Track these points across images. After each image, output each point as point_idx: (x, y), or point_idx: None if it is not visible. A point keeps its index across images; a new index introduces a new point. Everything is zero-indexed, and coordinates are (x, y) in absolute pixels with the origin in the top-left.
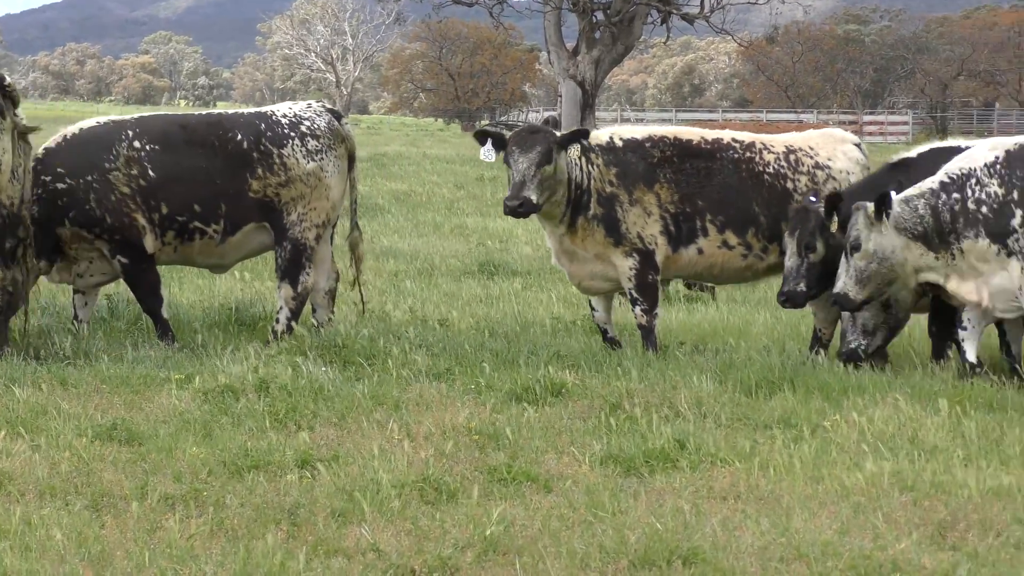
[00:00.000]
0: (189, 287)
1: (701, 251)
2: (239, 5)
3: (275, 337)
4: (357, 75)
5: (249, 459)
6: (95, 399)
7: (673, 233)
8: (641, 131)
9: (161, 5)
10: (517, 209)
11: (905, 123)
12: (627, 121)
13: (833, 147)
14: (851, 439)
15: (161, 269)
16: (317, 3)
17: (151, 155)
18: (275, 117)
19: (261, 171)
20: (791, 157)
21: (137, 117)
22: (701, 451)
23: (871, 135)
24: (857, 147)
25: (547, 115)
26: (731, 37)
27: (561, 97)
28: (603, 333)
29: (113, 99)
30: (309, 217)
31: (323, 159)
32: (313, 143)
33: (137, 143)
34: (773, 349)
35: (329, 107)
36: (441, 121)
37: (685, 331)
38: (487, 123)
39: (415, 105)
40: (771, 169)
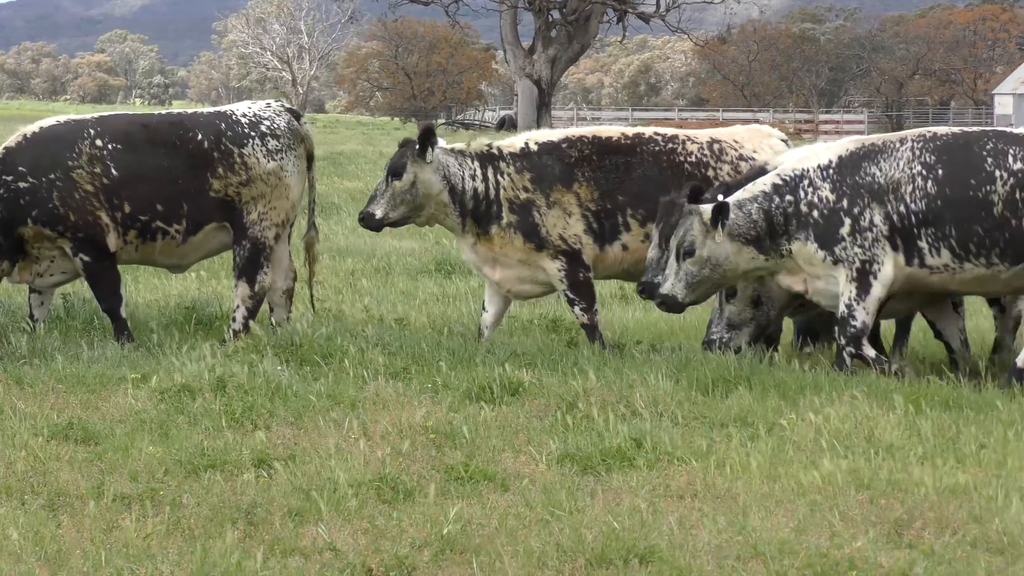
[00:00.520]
0: (145, 286)
1: (626, 247)
2: (194, 4)
3: (232, 336)
4: (313, 74)
5: (205, 458)
6: (51, 398)
7: (597, 231)
8: (558, 133)
9: (116, 3)
10: (360, 223)
11: (861, 122)
12: (583, 120)
13: (759, 141)
14: (808, 437)
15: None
16: (273, 1)
17: (113, 154)
18: (235, 116)
19: (222, 170)
20: (715, 147)
21: (98, 116)
22: (658, 450)
23: (827, 134)
24: (784, 143)
25: (503, 114)
26: (687, 36)
27: (517, 96)
28: (480, 334)
29: (69, 98)
30: (269, 216)
31: (283, 158)
32: (273, 143)
33: (99, 142)
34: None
35: (288, 107)
36: (397, 120)
37: (642, 330)
38: (443, 122)
39: (371, 104)
40: (693, 159)
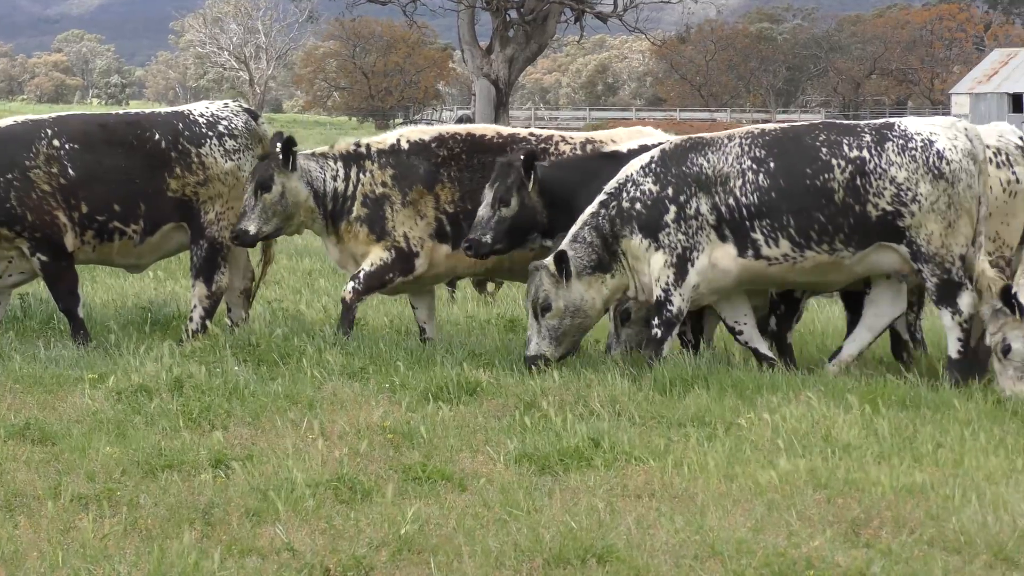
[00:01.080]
0: (102, 286)
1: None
2: (151, 3)
3: (189, 336)
4: (270, 73)
5: (163, 458)
6: (8, 399)
7: (451, 233)
8: (432, 131)
9: (73, 3)
10: (234, 241)
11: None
12: (540, 120)
13: (639, 140)
14: (765, 437)
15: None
16: (230, 1)
17: (71, 154)
18: (192, 116)
19: (179, 170)
20: (588, 147)
21: (55, 116)
22: (615, 449)
23: None
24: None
25: (461, 113)
26: (644, 36)
27: (475, 95)
28: (421, 331)
29: (25, 98)
30: (226, 216)
31: (241, 158)
32: (231, 143)
33: (57, 142)
34: (687, 347)
35: (246, 107)
36: (355, 120)
37: (600, 329)
38: (400, 121)
39: (329, 104)
40: None
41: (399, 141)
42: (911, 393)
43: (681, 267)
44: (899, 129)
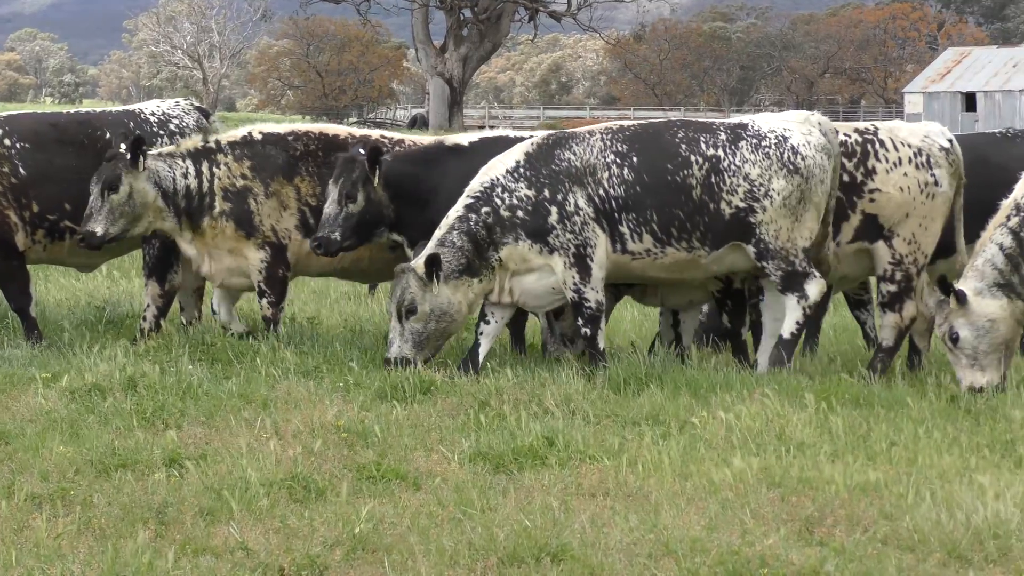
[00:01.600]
0: (55, 286)
1: None
2: (105, 2)
3: (143, 335)
4: (224, 72)
5: (117, 458)
6: None
7: (312, 228)
8: (284, 126)
9: (26, 2)
10: (80, 244)
11: None
12: (495, 119)
13: (480, 134)
14: (719, 435)
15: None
16: (184, 0)
17: (22, 153)
18: (144, 115)
19: None
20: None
21: (6, 115)
22: (570, 448)
23: None
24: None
25: (415, 112)
26: (598, 35)
27: (429, 94)
28: (224, 331)
29: None
30: None
31: None
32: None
33: (7, 141)
34: (642, 346)
35: (197, 105)
36: (309, 119)
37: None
38: (354, 120)
39: (282, 103)
40: None
41: (251, 133)
42: (865, 391)
43: (582, 263)
44: (753, 127)
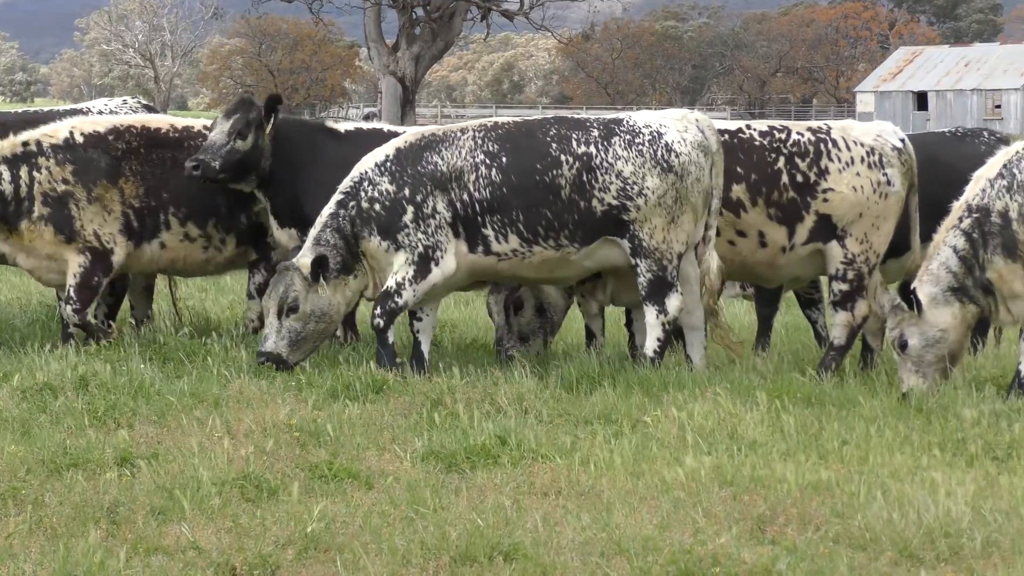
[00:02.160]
0: (7, 285)
1: (164, 245)
2: (57, 0)
3: (97, 334)
4: (176, 71)
5: (68, 457)
6: None
7: (136, 229)
8: (105, 122)
9: None
10: None
11: (724, 119)
12: (447, 118)
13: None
14: (671, 434)
15: None
16: None
17: None
18: (92, 114)
19: None
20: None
21: None
22: (522, 447)
23: None
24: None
25: (367, 111)
26: (551, 34)
27: (381, 93)
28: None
29: None
30: None
31: None
32: None
33: None
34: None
35: (145, 103)
36: None
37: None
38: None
39: None
40: None
41: (73, 135)
42: (817, 390)
43: (423, 266)
44: (627, 123)
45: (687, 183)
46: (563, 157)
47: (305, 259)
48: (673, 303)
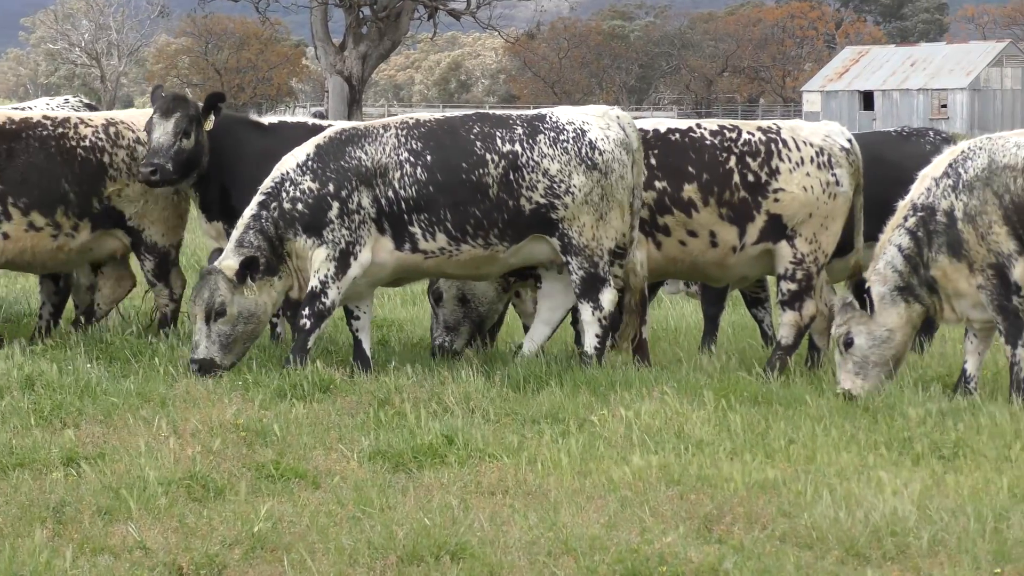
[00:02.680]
0: None
1: (7, 236)
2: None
3: (40, 334)
4: (122, 70)
5: (14, 457)
6: None
7: None
8: None
9: None
10: None
11: (671, 119)
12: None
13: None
14: (618, 433)
15: None
16: None
17: None
18: None
19: None
20: (111, 130)
21: None
22: (469, 446)
23: None
24: None
25: (314, 110)
26: (498, 33)
27: (328, 92)
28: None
29: None
30: None
31: None
32: None
33: None
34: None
35: (87, 102)
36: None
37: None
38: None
39: None
40: (87, 143)
41: None
42: (763, 390)
43: (343, 261)
44: (551, 120)
45: (612, 180)
46: (488, 155)
47: (229, 262)
48: (607, 298)
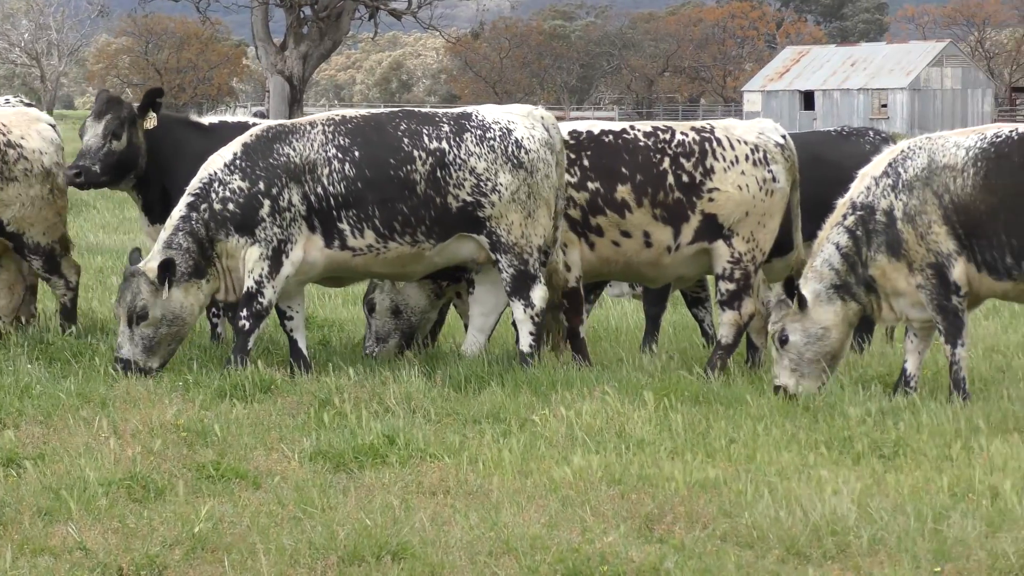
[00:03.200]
0: None
1: None
2: None
3: None
4: (62, 70)
5: None
6: None
7: None
8: None
9: None
10: None
11: (612, 119)
12: None
13: (27, 126)
14: (559, 433)
15: None
16: None
17: None
18: None
19: None
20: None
21: None
22: (411, 446)
23: None
24: (52, 127)
25: (255, 110)
26: (439, 33)
27: (269, 92)
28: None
29: None
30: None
31: None
32: None
33: None
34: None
35: (26, 101)
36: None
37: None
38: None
39: None
40: None
41: None
42: (704, 389)
43: (276, 260)
44: (477, 119)
45: (537, 179)
46: (416, 152)
47: (152, 264)
48: (538, 294)
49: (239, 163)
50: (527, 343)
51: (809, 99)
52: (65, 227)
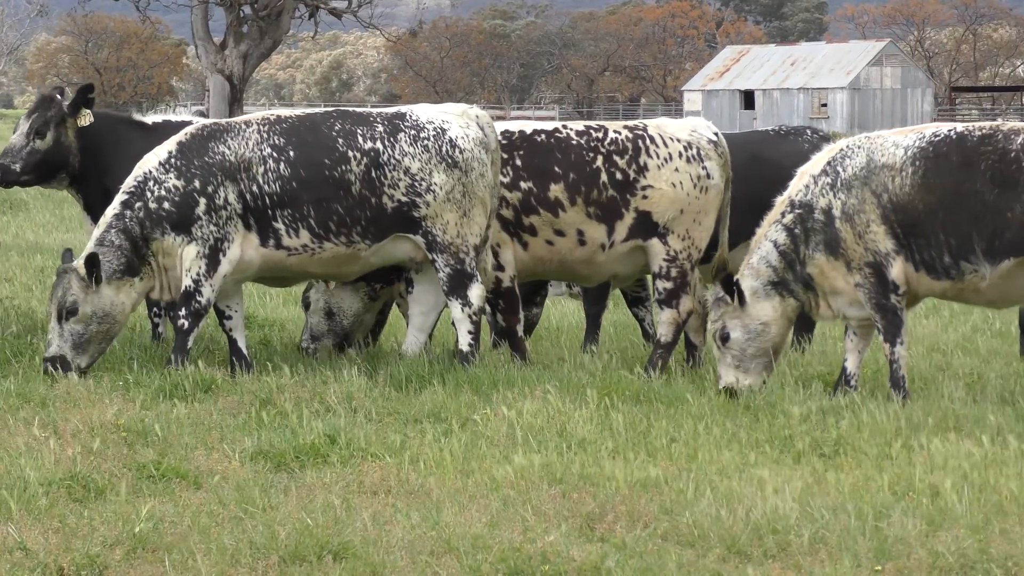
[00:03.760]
0: None
1: None
2: None
3: None
4: (2, 69)
5: None
6: None
7: None
8: None
9: None
10: None
11: (552, 118)
12: None
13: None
14: (501, 432)
15: None
16: None
17: None
18: None
19: None
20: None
21: None
22: (352, 446)
23: None
24: None
25: (195, 109)
26: (379, 32)
27: (209, 91)
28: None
29: None
30: None
31: None
32: None
33: None
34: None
35: None
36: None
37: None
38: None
39: None
40: None
41: None
42: (645, 388)
43: (213, 258)
44: (411, 118)
45: (472, 178)
46: (350, 153)
47: (81, 260)
48: (475, 293)
49: (174, 161)
50: (466, 342)
51: (749, 98)
52: None
